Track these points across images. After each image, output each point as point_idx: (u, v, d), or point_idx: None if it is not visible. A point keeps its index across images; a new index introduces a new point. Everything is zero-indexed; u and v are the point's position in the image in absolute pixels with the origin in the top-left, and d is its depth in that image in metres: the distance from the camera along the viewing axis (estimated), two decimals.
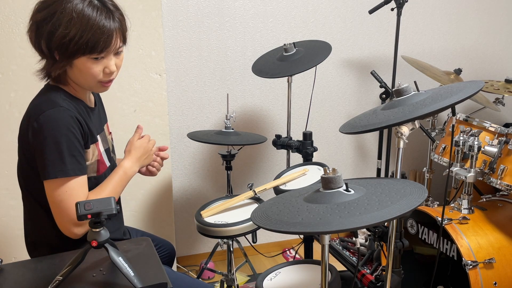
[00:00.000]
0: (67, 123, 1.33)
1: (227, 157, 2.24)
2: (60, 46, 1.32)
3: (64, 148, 1.31)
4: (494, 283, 1.89)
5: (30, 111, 1.38)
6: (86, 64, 1.35)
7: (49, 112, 1.32)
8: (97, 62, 1.36)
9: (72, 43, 1.31)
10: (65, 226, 1.35)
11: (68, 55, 1.33)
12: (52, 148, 1.31)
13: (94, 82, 1.40)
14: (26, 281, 1.19)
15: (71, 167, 1.32)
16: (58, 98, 1.37)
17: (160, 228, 2.49)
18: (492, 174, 2.03)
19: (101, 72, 1.38)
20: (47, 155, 1.31)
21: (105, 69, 1.39)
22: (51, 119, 1.32)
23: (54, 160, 1.31)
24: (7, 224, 2.18)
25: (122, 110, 2.29)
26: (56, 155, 1.31)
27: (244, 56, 2.68)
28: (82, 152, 1.37)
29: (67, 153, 1.31)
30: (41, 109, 1.34)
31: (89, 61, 1.35)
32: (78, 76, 1.39)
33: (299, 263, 1.64)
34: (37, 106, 1.37)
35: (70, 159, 1.32)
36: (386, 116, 1.35)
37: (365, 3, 2.80)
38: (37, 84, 1.45)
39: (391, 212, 1.04)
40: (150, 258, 1.27)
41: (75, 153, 1.33)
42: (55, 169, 1.31)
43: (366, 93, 2.99)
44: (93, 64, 1.36)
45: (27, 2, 1.40)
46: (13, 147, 1.44)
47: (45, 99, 1.38)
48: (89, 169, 1.42)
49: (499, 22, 3.18)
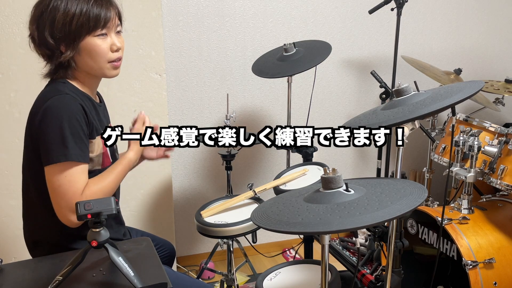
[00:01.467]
0: (72, 109, 1.34)
1: (227, 157, 2.24)
2: (63, 29, 1.35)
3: (68, 134, 1.31)
4: (494, 283, 1.89)
5: (37, 101, 1.40)
6: (93, 43, 1.38)
7: (54, 98, 1.34)
8: (102, 39, 1.40)
9: (74, 21, 1.34)
10: (62, 213, 1.34)
11: (73, 38, 1.36)
12: (56, 133, 1.31)
13: (105, 62, 1.42)
14: (26, 281, 1.20)
15: (73, 152, 1.32)
16: (65, 88, 1.39)
17: (160, 228, 2.49)
18: (492, 174, 2.03)
19: (108, 49, 1.41)
20: (50, 140, 1.32)
21: (112, 46, 1.42)
22: (56, 105, 1.33)
23: (57, 145, 1.31)
24: (7, 224, 2.18)
25: (122, 110, 2.29)
26: (59, 140, 1.31)
27: (244, 56, 2.68)
28: (85, 141, 1.37)
29: (70, 138, 1.32)
30: (47, 97, 1.36)
31: (94, 39, 1.38)
32: (87, 60, 1.40)
33: (299, 263, 1.64)
34: (43, 95, 1.40)
35: (73, 145, 1.32)
36: (386, 116, 1.35)
37: (365, 3, 2.80)
38: (37, 84, 1.45)
39: (391, 212, 1.04)
40: (150, 258, 1.27)
41: (77, 140, 1.34)
42: (58, 153, 1.31)
43: (366, 93, 2.99)
44: (100, 41, 1.39)
45: (27, 2, 1.40)
46: (13, 147, 1.44)
47: (51, 89, 1.40)
48: (95, 162, 1.43)
49: (499, 22, 3.19)
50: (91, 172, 1.42)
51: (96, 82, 1.51)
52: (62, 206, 1.34)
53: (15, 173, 1.47)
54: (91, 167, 1.41)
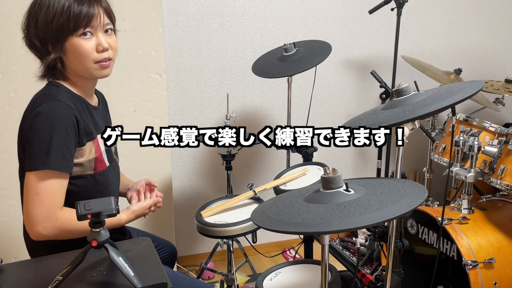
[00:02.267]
0: (63, 118, 1.32)
1: (227, 157, 2.24)
2: (45, 29, 1.33)
3: (53, 142, 1.29)
4: (494, 283, 1.89)
5: (29, 105, 1.38)
6: (77, 43, 1.35)
7: (46, 105, 1.32)
8: (86, 40, 1.36)
9: (54, 21, 1.32)
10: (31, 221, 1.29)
11: (56, 38, 1.34)
12: (42, 141, 1.29)
13: (90, 62, 1.38)
14: (26, 281, 1.19)
15: (55, 161, 1.29)
16: (57, 93, 1.37)
17: (160, 228, 2.49)
18: (492, 174, 2.03)
19: (93, 50, 1.37)
20: (35, 146, 1.30)
21: (98, 46, 1.38)
22: (46, 112, 1.31)
23: (41, 153, 1.29)
24: (7, 224, 2.18)
25: (122, 110, 2.29)
26: (44, 148, 1.29)
27: (244, 56, 2.68)
28: (72, 150, 1.34)
29: (55, 147, 1.29)
30: (38, 102, 1.34)
31: (78, 39, 1.35)
32: (73, 61, 1.38)
33: (299, 263, 1.64)
34: (35, 99, 1.38)
35: (57, 154, 1.29)
36: (386, 116, 1.35)
37: (365, 3, 2.80)
38: (37, 84, 1.45)
39: (391, 212, 1.04)
40: (150, 258, 1.27)
41: (63, 148, 1.31)
42: (40, 160, 1.29)
43: (366, 93, 2.99)
44: (83, 41, 1.35)
45: (27, 2, 1.40)
46: (13, 147, 1.44)
47: (44, 93, 1.39)
48: (86, 167, 1.40)
49: (499, 22, 3.18)
50: (82, 177, 1.40)
51: (89, 83, 1.47)
52: (34, 214, 1.29)
53: (15, 173, 1.46)
54: (81, 172, 1.39)
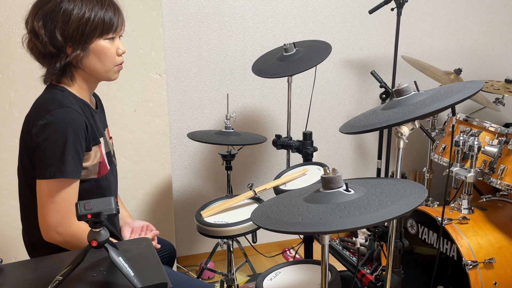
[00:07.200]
0: (74, 125, 1.32)
1: (227, 157, 2.24)
2: (77, 30, 1.34)
3: (67, 149, 1.30)
4: (494, 283, 1.89)
5: (36, 110, 1.37)
6: (104, 45, 1.39)
7: (56, 112, 1.32)
8: (111, 43, 1.41)
9: (89, 23, 1.35)
10: (48, 228, 1.33)
11: (85, 39, 1.36)
12: (57, 149, 1.30)
13: (112, 65, 1.43)
14: (26, 281, 1.19)
15: (70, 169, 1.31)
16: (65, 98, 1.37)
17: (160, 228, 2.47)
18: (492, 174, 2.03)
19: (115, 53, 1.43)
20: (49, 154, 1.30)
21: (118, 50, 1.43)
22: (57, 119, 1.31)
23: (55, 160, 1.30)
24: (7, 224, 2.18)
25: (122, 110, 2.29)
26: (58, 155, 1.30)
27: (244, 56, 2.68)
28: (81, 156, 1.36)
29: (69, 155, 1.31)
30: (48, 108, 1.33)
31: (105, 42, 1.40)
32: (95, 63, 1.40)
33: (299, 263, 1.64)
34: (43, 104, 1.37)
35: (71, 161, 1.31)
36: (386, 116, 1.35)
37: (365, 3, 2.80)
38: (37, 84, 1.45)
39: (391, 212, 1.04)
40: (150, 258, 1.27)
41: (75, 156, 1.32)
42: (55, 169, 1.30)
43: (366, 93, 2.99)
44: (109, 44, 1.41)
45: (27, 2, 1.39)
46: (13, 147, 1.44)
47: (51, 98, 1.38)
48: (90, 171, 1.41)
49: (499, 22, 3.19)
50: (86, 181, 1.41)
51: (94, 86, 1.50)
52: (51, 222, 1.33)
53: (15, 173, 1.47)
54: (86, 176, 1.40)
